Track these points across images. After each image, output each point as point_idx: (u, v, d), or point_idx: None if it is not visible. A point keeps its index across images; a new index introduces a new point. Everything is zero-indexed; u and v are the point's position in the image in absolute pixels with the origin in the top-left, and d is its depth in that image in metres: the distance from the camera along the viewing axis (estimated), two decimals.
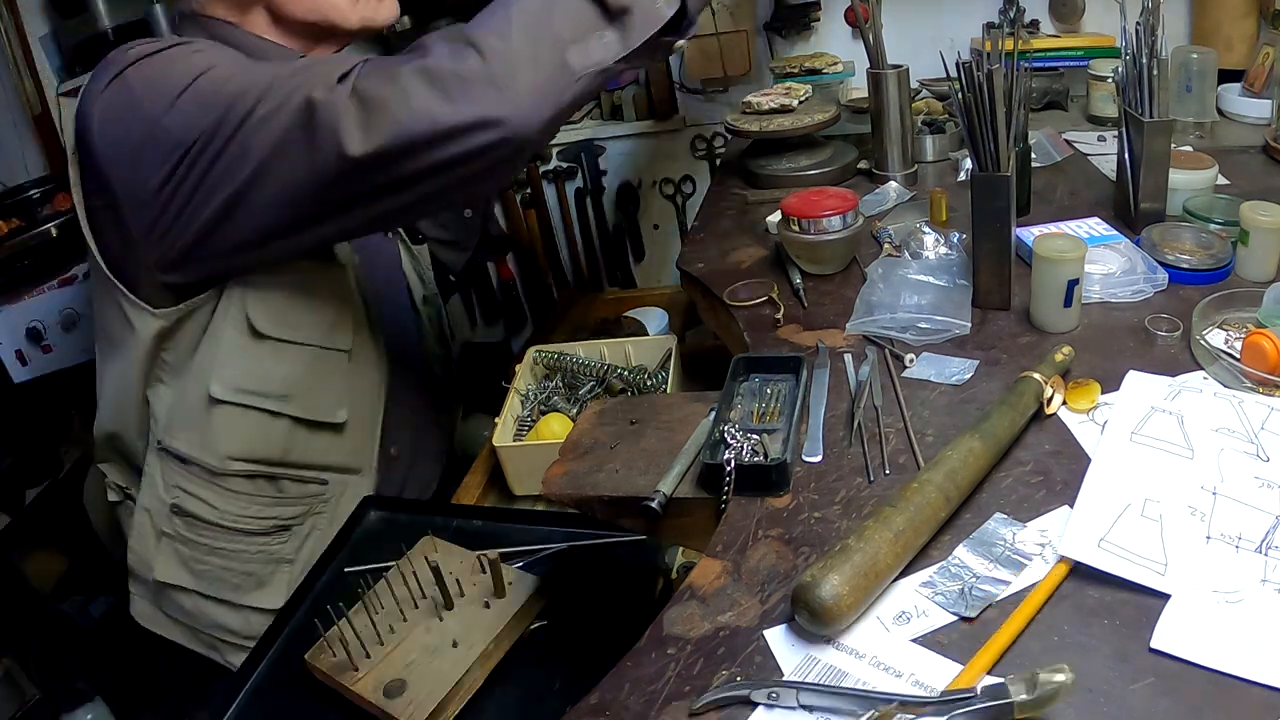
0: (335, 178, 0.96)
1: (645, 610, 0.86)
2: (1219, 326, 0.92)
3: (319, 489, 1.23)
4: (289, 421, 1.17)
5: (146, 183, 1.01)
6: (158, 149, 0.99)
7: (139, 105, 1.00)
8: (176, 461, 1.17)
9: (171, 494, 1.18)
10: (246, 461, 1.16)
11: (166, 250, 1.05)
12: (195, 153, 0.98)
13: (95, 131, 1.03)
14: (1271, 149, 1.32)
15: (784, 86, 1.57)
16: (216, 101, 0.97)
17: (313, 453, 1.21)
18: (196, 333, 1.13)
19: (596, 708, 0.63)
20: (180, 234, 1.03)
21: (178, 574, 1.21)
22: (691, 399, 0.97)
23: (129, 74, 1.01)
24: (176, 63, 1.02)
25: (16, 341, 1.79)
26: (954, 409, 0.87)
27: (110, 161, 1.03)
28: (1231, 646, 0.59)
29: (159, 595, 1.24)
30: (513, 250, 2.27)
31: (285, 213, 1.00)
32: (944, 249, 1.15)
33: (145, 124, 1.00)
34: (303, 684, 0.91)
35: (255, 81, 0.98)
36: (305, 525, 1.24)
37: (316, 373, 1.17)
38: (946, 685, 0.59)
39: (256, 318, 1.11)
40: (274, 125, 0.96)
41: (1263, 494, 0.69)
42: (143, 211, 1.03)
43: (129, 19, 2.01)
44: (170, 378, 1.15)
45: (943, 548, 0.71)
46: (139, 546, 1.21)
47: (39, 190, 1.75)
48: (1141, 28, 1.06)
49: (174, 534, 1.19)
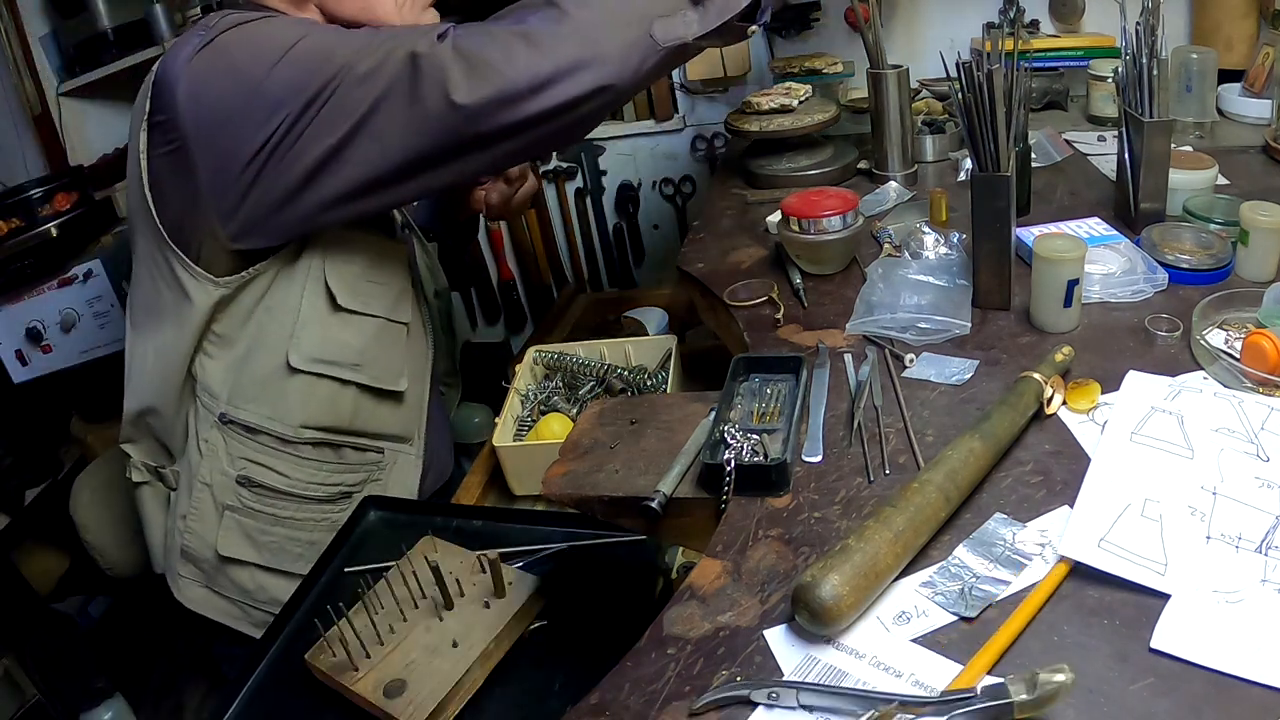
0: (440, 127, 1.00)
1: (645, 610, 0.85)
2: (1219, 326, 0.92)
3: (376, 457, 1.29)
4: (356, 389, 1.22)
5: (241, 145, 1.03)
6: (257, 111, 1.01)
7: (238, 69, 1.02)
8: (243, 432, 1.18)
9: (238, 466, 1.19)
10: (317, 429, 1.21)
11: (251, 211, 1.06)
12: (297, 112, 1.00)
13: (184, 96, 1.03)
14: (1271, 149, 1.32)
15: (784, 86, 1.57)
16: (316, 63, 1.00)
17: (375, 421, 1.27)
18: (251, 304, 1.15)
19: (596, 708, 0.63)
20: (269, 193, 1.05)
21: (240, 547, 1.21)
22: (691, 399, 0.97)
23: (223, 40, 1.03)
24: (274, 30, 1.05)
25: (16, 341, 1.80)
26: (954, 409, 0.87)
27: (199, 125, 1.04)
28: (1231, 646, 0.59)
29: (215, 575, 1.24)
30: (511, 250, 2.28)
31: (387, 163, 1.03)
32: (944, 249, 1.15)
33: (244, 87, 1.01)
34: (303, 684, 0.91)
35: (351, 43, 1.02)
36: (364, 491, 1.28)
37: (382, 343, 1.23)
38: (946, 685, 0.59)
39: (338, 290, 1.16)
40: (378, 78, 0.99)
41: (1263, 494, 0.69)
42: (227, 175, 1.04)
43: (129, 19, 2.01)
44: (220, 349, 1.17)
45: (943, 548, 0.71)
46: (197, 525, 1.21)
47: (39, 190, 1.75)
48: (1141, 28, 1.06)
49: (239, 506, 1.21)
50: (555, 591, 0.97)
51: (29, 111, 2.13)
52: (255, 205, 1.06)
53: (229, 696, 0.92)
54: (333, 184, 1.04)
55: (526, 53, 0.97)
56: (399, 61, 0.99)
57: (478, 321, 2.39)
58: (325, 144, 1.01)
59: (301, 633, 0.97)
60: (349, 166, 1.03)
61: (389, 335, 1.24)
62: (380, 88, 0.99)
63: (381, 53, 1.00)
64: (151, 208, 1.10)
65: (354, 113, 1.00)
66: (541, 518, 1.13)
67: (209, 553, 1.22)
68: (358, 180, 1.04)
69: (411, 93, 0.99)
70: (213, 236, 1.09)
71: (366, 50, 1.01)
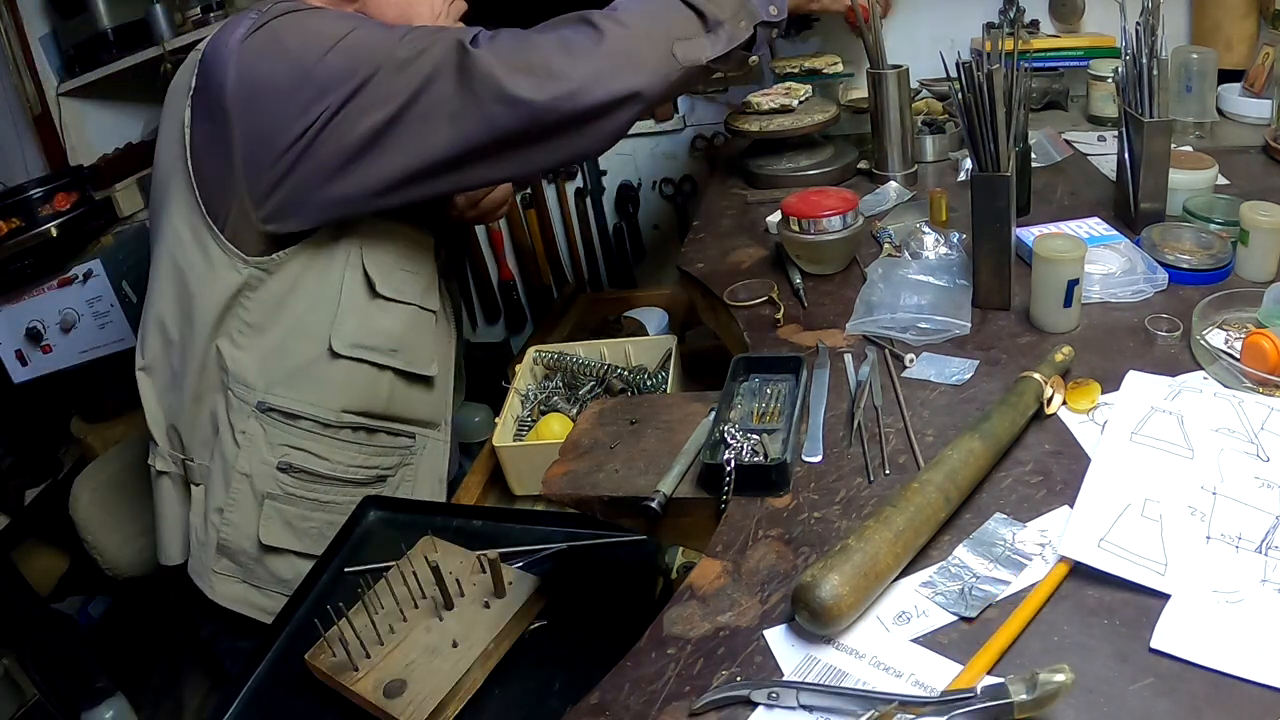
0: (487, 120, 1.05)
1: (645, 610, 0.85)
2: (1219, 326, 0.92)
3: (408, 441, 1.34)
4: (392, 374, 1.27)
5: (281, 128, 1.06)
6: (303, 96, 1.05)
7: (289, 54, 1.06)
8: (283, 419, 1.21)
9: (278, 453, 1.21)
10: (355, 414, 1.25)
11: (289, 193, 1.09)
12: (341, 100, 1.05)
13: (233, 75, 1.06)
14: (1271, 149, 1.32)
15: (784, 86, 1.57)
16: (365, 53, 1.05)
17: (408, 405, 1.32)
18: (282, 291, 1.17)
19: (596, 708, 0.63)
20: (309, 175, 1.08)
21: (281, 535, 1.23)
22: (691, 399, 0.97)
23: (277, 25, 1.08)
24: (326, 21, 1.09)
25: (16, 341, 1.80)
26: (954, 409, 0.87)
27: (244, 103, 1.07)
28: (1231, 646, 0.59)
29: (253, 567, 1.24)
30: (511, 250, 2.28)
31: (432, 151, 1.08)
32: (944, 249, 1.15)
33: (295, 71, 1.05)
34: (303, 684, 0.91)
35: (397, 33, 1.08)
36: (398, 476, 1.33)
37: (415, 330, 1.29)
38: (946, 685, 0.59)
39: (376, 278, 1.21)
40: (422, 63, 1.04)
41: (1263, 494, 0.69)
42: (264, 156, 1.08)
43: (129, 19, 2.01)
44: (251, 339, 1.18)
45: (943, 548, 0.71)
46: (234, 516, 1.22)
47: (39, 190, 1.75)
48: (1141, 28, 1.06)
49: (279, 494, 1.22)
50: (555, 591, 0.97)
51: (29, 111, 2.13)
52: (294, 187, 1.09)
53: (229, 696, 0.92)
54: (378, 168, 1.08)
55: (565, 59, 1.04)
56: (446, 48, 1.04)
57: (478, 321, 2.39)
58: (367, 126, 1.05)
59: (301, 633, 0.97)
60: (394, 151, 1.07)
61: (421, 322, 1.29)
62: (425, 73, 1.04)
63: (426, 41, 1.05)
64: (192, 176, 1.12)
65: (397, 98, 1.04)
66: (541, 518, 1.13)
67: (249, 544, 1.23)
68: (402, 167, 1.09)
69: (460, 80, 1.04)
70: (243, 215, 1.12)
71: (410, 40, 1.06)
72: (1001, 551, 0.70)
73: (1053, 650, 0.61)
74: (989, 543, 0.71)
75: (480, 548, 0.98)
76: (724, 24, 1.12)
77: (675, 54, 1.09)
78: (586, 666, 0.84)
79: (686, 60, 1.09)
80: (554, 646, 0.93)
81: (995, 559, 0.69)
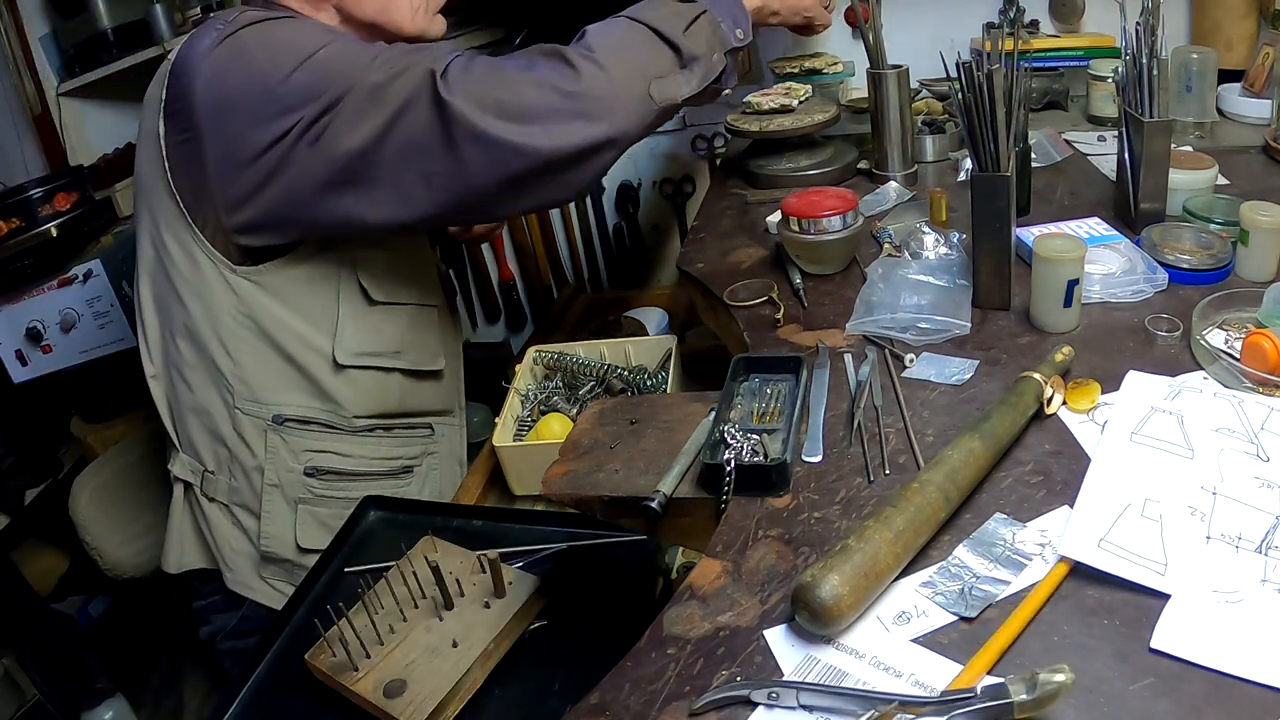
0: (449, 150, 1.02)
1: (645, 610, 0.86)
2: (1219, 326, 0.92)
3: (426, 432, 1.37)
4: (400, 374, 1.30)
5: (246, 140, 1.05)
6: (268, 112, 1.03)
7: (255, 68, 1.04)
8: (298, 426, 1.22)
9: (303, 459, 1.23)
10: (369, 417, 1.28)
11: (268, 206, 1.08)
12: (311, 118, 1.02)
13: (200, 86, 1.05)
14: (1271, 149, 1.32)
15: (784, 86, 1.57)
16: (333, 73, 1.03)
17: (420, 400, 1.35)
18: (280, 313, 1.17)
19: (596, 708, 0.63)
20: (286, 194, 1.07)
21: (317, 536, 1.23)
22: (691, 399, 0.97)
23: (244, 36, 1.06)
24: (295, 34, 1.08)
25: (16, 341, 1.80)
26: (954, 409, 0.87)
27: (212, 115, 1.06)
28: (1231, 646, 0.59)
29: (296, 572, 1.25)
30: (511, 250, 2.28)
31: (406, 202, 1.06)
32: (944, 249, 1.15)
33: (259, 86, 1.03)
34: (303, 684, 0.91)
35: (369, 52, 1.05)
36: (423, 466, 1.36)
37: (416, 328, 1.31)
38: (946, 685, 0.59)
39: (370, 286, 1.23)
40: (395, 89, 1.02)
41: (1263, 494, 0.69)
42: (231, 167, 1.07)
43: (129, 19, 2.01)
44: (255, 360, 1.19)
45: (943, 548, 0.71)
46: (271, 527, 1.23)
47: (39, 190, 1.75)
48: (1141, 28, 1.06)
49: (310, 498, 1.24)
50: (555, 591, 0.97)
51: (29, 111, 2.13)
52: (272, 202, 1.08)
53: (229, 696, 0.92)
54: (359, 210, 1.07)
55: (540, 100, 1.00)
56: (419, 76, 1.01)
57: (478, 321, 2.39)
58: (343, 150, 1.03)
59: (301, 633, 0.97)
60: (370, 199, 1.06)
61: (422, 319, 1.32)
62: (399, 101, 1.01)
63: (400, 64, 1.03)
64: (172, 185, 1.12)
65: (372, 121, 1.02)
66: (541, 518, 1.13)
67: (289, 550, 1.24)
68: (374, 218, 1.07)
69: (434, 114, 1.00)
70: (219, 225, 1.12)
71: (382, 63, 1.03)
72: (1001, 551, 0.70)
73: (1053, 650, 0.61)
74: (989, 543, 0.71)
75: (480, 548, 0.98)
76: (699, 59, 1.10)
77: (652, 94, 1.06)
78: (586, 666, 0.84)
79: (663, 100, 1.07)
80: (554, 646, 0.93)
81: (995, 559, 0.69)
